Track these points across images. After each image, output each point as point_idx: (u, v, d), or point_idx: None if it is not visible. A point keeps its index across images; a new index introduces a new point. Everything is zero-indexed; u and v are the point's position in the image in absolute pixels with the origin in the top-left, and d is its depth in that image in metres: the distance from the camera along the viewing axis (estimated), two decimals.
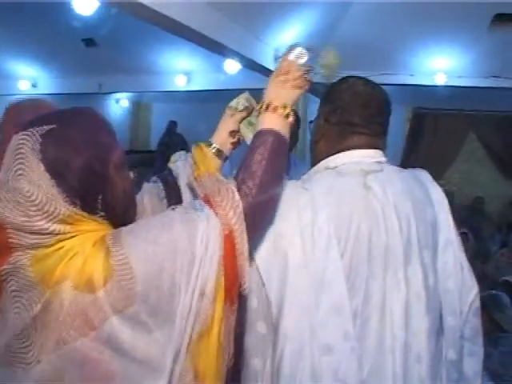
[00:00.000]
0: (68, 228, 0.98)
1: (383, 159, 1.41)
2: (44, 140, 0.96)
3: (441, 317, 1.38)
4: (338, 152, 1.40)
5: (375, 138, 1.41)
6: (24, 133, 0.97)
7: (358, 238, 1.26)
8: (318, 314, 1.23)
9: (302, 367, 1.22)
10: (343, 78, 1.46)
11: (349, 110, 1.40)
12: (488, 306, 3.16)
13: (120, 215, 1.07)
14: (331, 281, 1.23)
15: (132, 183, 1.11)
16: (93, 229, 1.01)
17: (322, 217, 1.25)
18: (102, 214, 1.03)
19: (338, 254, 1.24)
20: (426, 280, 1.32)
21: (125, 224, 1.04)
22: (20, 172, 0.95)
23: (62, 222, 0.97)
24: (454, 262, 1.41)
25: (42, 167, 0.95)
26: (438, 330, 1.36)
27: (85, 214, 0.99)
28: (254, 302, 1.26)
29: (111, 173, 1.02)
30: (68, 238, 0.98)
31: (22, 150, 0.95)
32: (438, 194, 1.45)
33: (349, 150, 1.39)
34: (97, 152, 1.01)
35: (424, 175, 1.48)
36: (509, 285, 3.80)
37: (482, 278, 4.86)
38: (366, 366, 1.25)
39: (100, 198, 1.01)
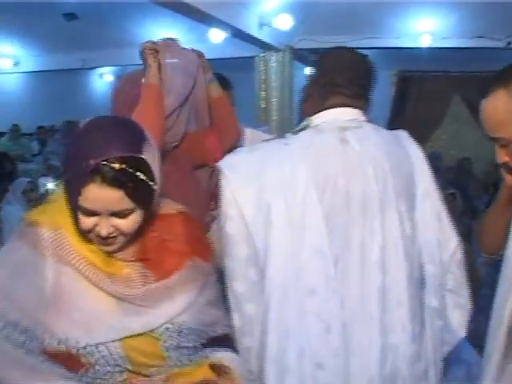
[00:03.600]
0: None
1: (362, 118, 1.47)
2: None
3: (422, 266, 1.44)
4: (320, 111, 1.46)
5: (355, 98, 1.47)
6: None
7: (335, 187, 1.34)
8: (301, 257, 1.31)
9: (287, 309, 1.31)
10: (332, 48, 1.57)
11: (332, 71, 1.48)
12: None
13: None
14: (311, 226, 1.32)
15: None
16: None
17: (301, 168, 1.34)
18: None
19: (317, 201, 1.32)
20: (402, 228, 1.38)
21: None
22: None
23: None
24: (431, 213, 1.47)
25: None
26: (418, 277, 1.42)
27: None
28: (244, 251, 1.35)
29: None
30: None
31: None
32: (415, 150, 1.51)
33: (329, 109, 1.45)
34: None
35: (401, 134, 1.55)
36: None
37: (471, 234, 4.95)
38: (347, 308, 1.32)
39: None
